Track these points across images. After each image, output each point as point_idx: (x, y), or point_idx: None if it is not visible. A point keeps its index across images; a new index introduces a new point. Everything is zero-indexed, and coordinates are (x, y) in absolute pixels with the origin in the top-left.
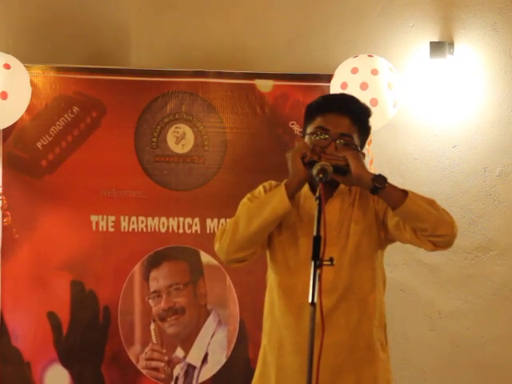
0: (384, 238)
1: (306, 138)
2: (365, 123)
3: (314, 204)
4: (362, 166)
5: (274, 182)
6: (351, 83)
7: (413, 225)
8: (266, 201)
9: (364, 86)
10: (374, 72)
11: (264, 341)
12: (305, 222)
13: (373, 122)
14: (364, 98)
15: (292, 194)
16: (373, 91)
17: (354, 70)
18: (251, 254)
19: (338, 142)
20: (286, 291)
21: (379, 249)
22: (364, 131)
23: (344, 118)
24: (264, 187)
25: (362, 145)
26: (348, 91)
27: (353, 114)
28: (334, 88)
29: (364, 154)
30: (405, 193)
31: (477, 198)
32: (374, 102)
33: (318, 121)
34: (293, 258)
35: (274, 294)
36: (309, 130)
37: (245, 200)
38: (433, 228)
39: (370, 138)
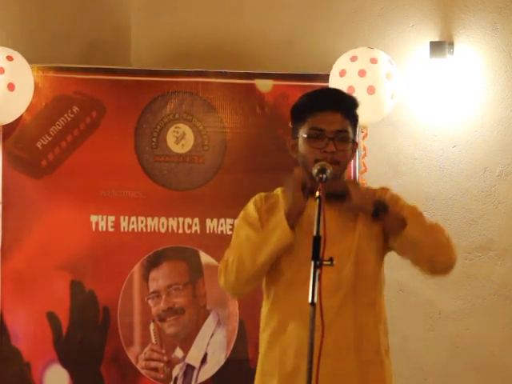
0: (385, 246)
1: (300, 141)
2: (355, 114)
3: (314, 205)
4: (362, 196)
5: (263, 194)
6: (349, 70)
7: (411, 251)
8: (269, 234)
9: (362, 73)
10: (373, 61)
11: (261, 349)
12: (305, 230)
13: (370, 112)
14: (361, 85)
15: (292, 223)
16: (371, 79)
17: (353, 58)
18: (257, 285)
19: (335, 139)
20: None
21: (382, 252)
22: (355, 122)
23: (336, 115)
24: (255, 203)
25: (355, 136)
26: (346, 78)
27: (343, 109)
28: (333, 76)
29: (357, 144)
30: (404, 220)
31: (477, 198)
32: (371, 89)
33: (310, 122)
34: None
35: (277, 304)
36: (301, 132)
37: (240, 222)
38: (430, 255)
39: (365, 132)
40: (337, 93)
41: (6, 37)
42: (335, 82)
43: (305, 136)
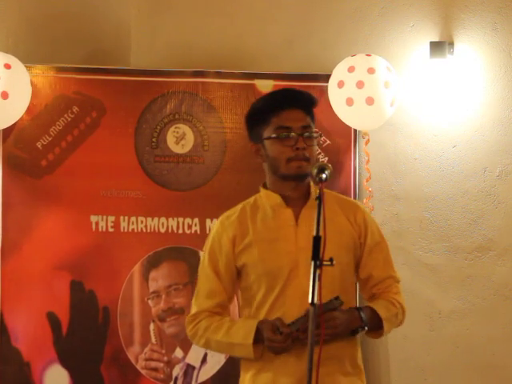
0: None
1: (268, 143)
2: (313, 112)
3: (287, 214)
4: (343, 333)
5: (233, 217)
6: (347, 81)
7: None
8: (234, 347)
9: (360, 85)
10: (371, 71)
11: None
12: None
13: (369, 121)
14: (360, 96)
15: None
16: (369, 90)
17: (351, 69)
18: None
19: (303, 135)
20: None
21: (355, 263)
22: (314, 119)
23: (299, 112)
24: (223, 225)
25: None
26: (344, 89)
27: (304, 106)
28: (332, 87)
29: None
30: (380, 329)
31: (477, 198)
32: (370, 100)
33: (275, 121)
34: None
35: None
36: (267, 133)
37: (205, 263)
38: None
39: (367, 138)
40: (296, 91)
41: (6, 37)
42: (333, 93)
43: (274, 136)
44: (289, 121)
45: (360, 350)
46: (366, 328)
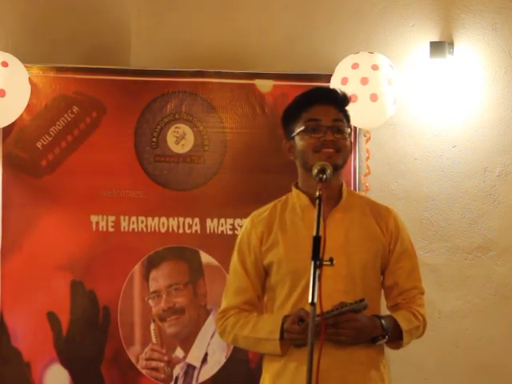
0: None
1: (298, 138)
2: (346, 110)
3: (315, 215)
4: (363, 337)
5: (264, 214)
6: (352, 78)
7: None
8: (261, 342)
9: (364, 81)
10: (375, 67)
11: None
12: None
13: (372, 118)
14: (364, 92)
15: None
16: (373, 86)
17: (355, 66)
18: None
19: (333, 129)
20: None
21: (381, 269)
22: (347, 118)
23: (330, 107)
24: (252, 223)
25: (350, 131)
26: (348, 86)
27: (336, 102)
28: (335, 84)
29: (351, 143)
30: (399, 340)
31: (477, 197)
32: (374, 97)
33: (305, 116)
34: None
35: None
36: (298, 128)
37: (234, 260)
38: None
39: (368, 136)
40: (329, 88)
41: (6, 37)
42: None
43: (302, 128)
44: (319, 114)
45: (384, 357)
46: (387, 337)
